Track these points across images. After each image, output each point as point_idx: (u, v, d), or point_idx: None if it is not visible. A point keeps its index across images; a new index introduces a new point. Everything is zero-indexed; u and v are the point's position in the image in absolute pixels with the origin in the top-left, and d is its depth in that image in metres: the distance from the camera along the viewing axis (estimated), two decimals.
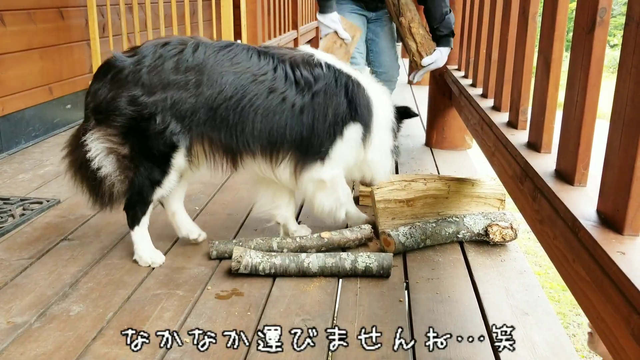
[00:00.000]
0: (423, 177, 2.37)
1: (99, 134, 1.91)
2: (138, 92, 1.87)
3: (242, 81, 1.91)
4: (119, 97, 1.87)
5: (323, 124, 1.99)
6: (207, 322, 1.67)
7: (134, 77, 1.88)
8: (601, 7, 1.34)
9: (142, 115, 1.88)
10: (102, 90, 1.89)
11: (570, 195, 1.39)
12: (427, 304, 1.80)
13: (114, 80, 1.88)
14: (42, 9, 3.70)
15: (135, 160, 1.93)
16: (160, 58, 1.89)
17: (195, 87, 1.89)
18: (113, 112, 1.88)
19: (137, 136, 1.90)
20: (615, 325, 1.06)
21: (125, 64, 1.89)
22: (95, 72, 1.97)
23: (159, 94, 1.88)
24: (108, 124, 1.90)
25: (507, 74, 2.21)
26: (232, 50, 1.95)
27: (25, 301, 1.78)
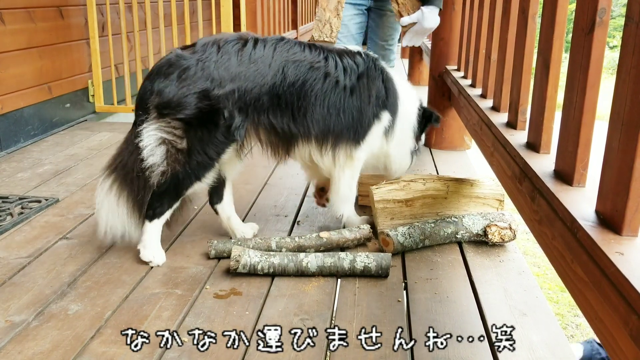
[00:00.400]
0: (422, 178, 2.37)
1: (159, 124, 1.93)
2: (209, 85, 1.92)
3: (302, 69, 2.03)
4: (191, 92, 1.91)
5: (367, 105, 2.13)
6: (205, 321, 1.67)
7: (203, 72, 1.92)
8: (601, 7, 1.34)
9: (213, 109, 1.92)
10: (171, 88, 1.91)
11: (569, 195, 1.40)
12: (425, 304, 1.80)
13: (183, 77, 1.91)
14: (41, 8, 3.70)
15: (189, 153, 1.95)
16: (226, 54, 1.96)
17: (260, 77, 1.97)
18: (183, 106, 1.91)
19: (200, 131, 1.94)
20: (613, 326, 1.06)
21: (192, 61, 1.93)
22: (155, 70, 1.97)
23: (228, 86, 1.93)
24: (173, 117, 1.92)
25: (507, 75, 2.21)
26: (287, 43, 2.07)
27: (23, 300, 1.77)
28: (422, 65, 6.34)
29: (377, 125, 2.19)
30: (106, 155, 3.30)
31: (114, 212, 1.99)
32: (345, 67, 2.10)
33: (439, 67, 3.66)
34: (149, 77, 1.98)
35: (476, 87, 2.85)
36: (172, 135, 1.93)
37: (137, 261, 2.03)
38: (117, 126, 4.11)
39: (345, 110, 2.09)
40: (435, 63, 3.69)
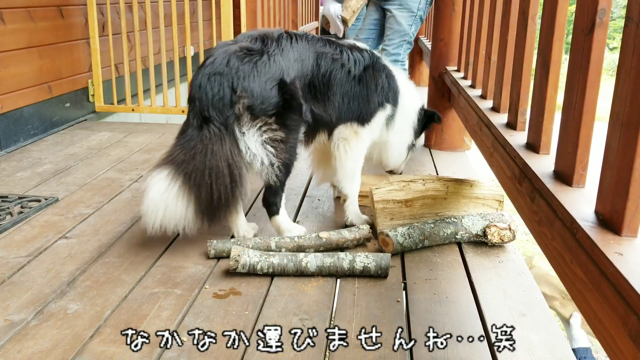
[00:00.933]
0: (422, 178, 2.38)
1: (258, 126, 2.01)
2: (283, 75, 2.03)
3: (328, 60, 2.19)
4: (272, 83, 2.00)
5: (373, 93, 2.31)
6: (204, 321, 1.67)
7: (275, 62, 2.02)
8: (600, 8, 1.34)
9: (290, 95, 2.04)
10: (255, 83, 1.97)
11: (568, 196, 1.40)
12: (424, 305, 1.80)
13: (260, 69, 1.99)
14: (41, 7, 3.70)
15: (287, 140, 2.07)
16: (282, 45, 2.09)
17: (303, 68, 2.12)
18: (269, 100, 1.99)
19: (287, 117, 2.05)
20: (612, 327, 1.06)
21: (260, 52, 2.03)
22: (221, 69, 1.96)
23: (292, 73, 2.07)
24: (267, 113, 2.00)
25: (507, 75, 2.21)
26: (312, 37, 2.25)
27: (22, 299, 1.77)
28: (422, 66, 6.35)
29: (381, 112, 2.35)
30: (106, 155, 3.32)
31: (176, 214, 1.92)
32: (355, 59, 2.26)
33: (439, 67, 3.66)
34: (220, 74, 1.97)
35: (476, 88, 2.85)
36: (271, 132, 2.03)
37: (137, 260, 2.03)
38: (116, 126, 4.11)
39: (355, 97, 2.26)
40: (435, 64, 3.69)
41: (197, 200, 1.94)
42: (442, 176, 2.60)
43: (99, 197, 2.65)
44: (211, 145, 1.95)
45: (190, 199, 1.92)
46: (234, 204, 2.04)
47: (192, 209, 1.94)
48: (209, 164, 1.94)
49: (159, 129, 4.05)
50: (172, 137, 3.79)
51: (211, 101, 1.97)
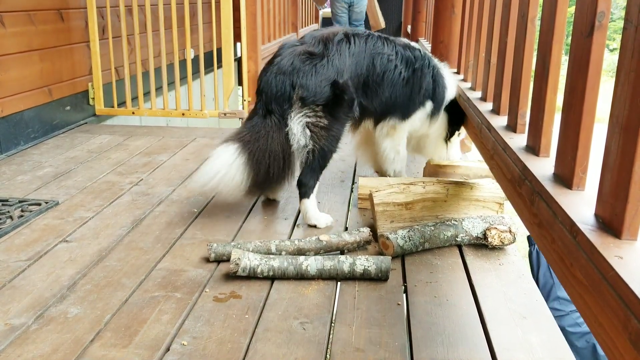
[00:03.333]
0: (422, 181, 2.38)
1: (304, 112, 2.32)
2: (336, 76, 2.34)
3: (384, 60, 2.49)
4: (326, 82, 2.32)
5: (417, 94, 2.61)
6: (205, 324, 1.67)
7: (331, 64, 2.34)
8: (600, 10, 1.34)
9: (341, 93, 2.34)
10: (311, 81, 2.30)
11: (568, 199, 1.39)
12: (425, 307, 1.80)
13: (318, 70, 2.31)
14: (42, 11, 3.71)
15: (329, 129, 2.35)
16: (340, 48, 2.39)
17: (359, 68, 2.43)
18: (322, 94, 2.31)
19: (334, 110, 2.35)
20: (612, 330, 1.06)
21: (320, 56, 2.34)
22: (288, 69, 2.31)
23: (345, 76, 2.37)
24: (316, 103, 2.32)
25: (506, 78, 2.21)
26: (372, 37, 2.52)
27: (22, 303, 1.77)
28: None
29: (421, 110, 2.67)
30: (106, 158, 3.32)
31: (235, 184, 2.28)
32: (407, 60, 2.56)
33: None
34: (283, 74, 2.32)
35: (476, 90, 2.85)
36: (315, 117, 2.32)
37: (137, 264, 2.03)
38: (117, 129, 4.11)
39: (400, 95, 2.56)
40: None
41: (255, 175, 2.29)
42: (442, 179, 2.60)
43: (99, 201, 2.65)
44: (272, 133, 2.31)
45: (250, 172, 2.28)
46: (282, 182, 2.41)
47: (249, 181, 2.29)
48: (269, 147, 2.30)
49: (159, 131, 4.05)
50: (173, 140, 3.82)
51: (275, 96, 2.31)
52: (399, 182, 2.36)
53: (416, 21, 6.67)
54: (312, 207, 2.41)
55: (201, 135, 3.94)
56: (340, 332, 1.65)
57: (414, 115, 2.66)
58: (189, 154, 3.47)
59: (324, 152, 2.37)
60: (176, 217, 2.47)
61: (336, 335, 1.64)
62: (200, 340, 1.59)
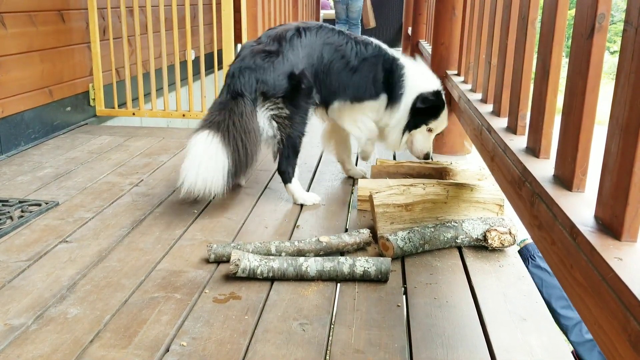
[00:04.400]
0: (422, 182, 2.38)
1: (267, 105, 2.51)
2: (292, 69, 2.51)
3: (331, 50, 2.62)
4: (283, 76, 2.50)
5: (366, 84, 2.68)
6: (204, 325, 1.67)
7: (286, 59, 2.51)
8: (600, 12, 1.34)
9: (297, 84, 2.52)
10: (268, 76, 2.48)
11: (568, 200, 1.39)
12: (425, 309, 1.80)
13: (276, 66, 2.49)
14: (43, 12, 3.71)
15: (291, 117, 2.54)
16: (293, 43, 2.55)
17: (311, 59, 2.57)
18: (280, 87, 2.49)
19: (294, 100, 2.53)
20: (612, 332, 1.06)
21: (277, 53, 2.51)
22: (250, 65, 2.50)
23: (300, 67, 2.53)
24: (276, 96, 2.50)
25: (507, 79, 2.21)
26: (323, 29, 2.67)
27: (22, 303, 1.77)
28: None
29: (374, 101, 2.72)
30: (107, 159, 3.33)
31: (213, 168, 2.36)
32: (356, 51, 2.64)
33: (440, 71, 3.66)
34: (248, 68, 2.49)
35: (476, 92, 2.86)
36: (277, 109, 2.52)
37: (137, 265, 2.03)
38: (117, 130, 4.11)
39: (350, 85, 2.66)
40: (436, 68, 3.69)
41: (234, 152, 2.40)
42: (442, 180, 2.60)
43: (99, 201, 2.65)
44: (245, 110, 2.46)
45: (228, 150, 2.39)
46: (255, 162, 2.55)
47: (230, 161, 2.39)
48: (245, 124, 2.44)
49: (160, 132, 4.05)
50: (173, 141, 3.83)
51: (243, 85, 2.49)
52: (399, 184, 2.36)
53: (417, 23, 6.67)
54: (296, 189, 2.65)
55: None
56: (339, 334, 1.65)
57: (365, 103, 2.71)
58: None
59: (291, 139, 2.57)
60: (176, 218, 2.48)
61: (336, 337, 1.64)
62: (200, 341, 1.59)
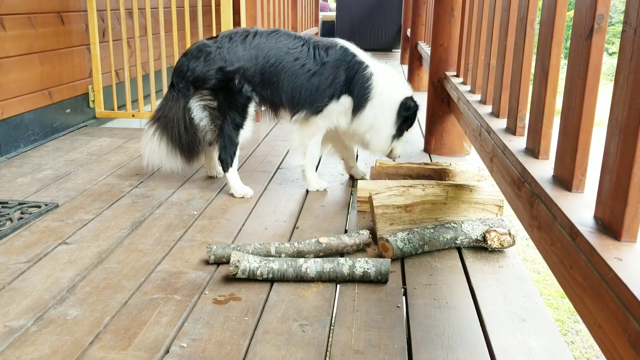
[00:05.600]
0: (421, 183, 2.38)
1: (198, 96, 2.69)
2: (223, 64, 2.65)
3: (281, 53, 2.68)
4: (211, 69, 2.65)
5: (325, 87, 2.68)
6: (204, 326, 1.67)
7: (219, 55, 2.66)
8: (599, 14, 1.34)
9: (227, 79, 2.66)
10: (199, 67, 2.66)
11: (567, 201, 1.40)
12: (424, 310, 1.80)
13: (207, 59, 2.66)
14: (42, 14, 3.72)
15: (221, 110, 2.70)
16: (234, 42, 2.69)
17: (255, 59, 2.67)
18: (208, 79, 2.66)
19: (223, 94, 2.68)
20: (612, 332, 1.06)
21: (212, 48, 2.68)
22: (189, 53, 2.71)
23: (235, 64, 2.65)
24: (204, 88, 2.67)
25: (506, 81, 2.21)
26: (277, 33, 2.74)
27: (22, 305, 1.77)
28: (421, 71, 6.36)
29: (335, 105, 2.71)
30: (106, 161, 3.33)
31: (155, 150, 2.74)
32: (315, 55, 2.68)
33: (439, 73, 3.67)
34: (185, 56, 2.73)
35: (475, 93, 2.86)
36: (207, 101, 2.69)
37: (137, 266, 2.03)
38: (117, 131, 4.11)
39: (306, 88, 2.68)
40: (435, 69, 3.70)
41: (168, 138, 2.72)
42: (441, 181, 2.60)
43: (99, 203, 2.65)
44: (170, 102, 2.73)
45: (161, 138, 2.72)
46: (195, 145, 2.74)
47: (164, 145, 2.72)
48: (168, 114, 2.72)
49: None
50: None
51: (175, 72, 2.73)
52: (399, 185, 2.36)
53: (416, 24, 6.69)
54: (232, 179, 2.79)
55: None
56: (339, 335, 1.65)
57: (326, 109, 2.71)
58: None
59: (225, 130, 2.72)
60: (176, 219, 2.48)
61: (335, 338, 1.64)
62: (200, 343, 1.59)
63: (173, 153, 2.73)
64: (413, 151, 3.76)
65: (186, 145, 2.72)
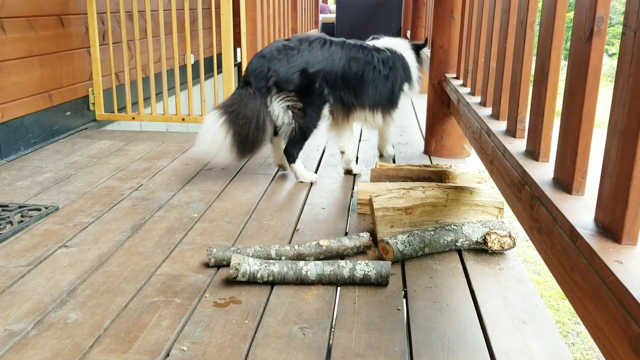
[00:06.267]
0: (422, 185, 2.38)
1: (282, 96, 2.87)
2: (306, 66, 2.87)
3: (361, 63, 3.01)
4: (295, 71, 2.85)
5: (397, 85, 3.20)
6: (204, 330, 1.67)
7: (302, 58, 2.87)
8: (598, 16, 1.34)
9: (309, 81, 2.88)
10: (282, 68, 2.84)
11: (568, 203, 1.40)
12: (425, 313, 1.79)
13: (289, 61, 2.86)
14: (42, 17, 3.72)
15: (304, 110, 2.92)
16: (314, 47, 2.92)
17: (335, 64, 2.94)
18: (292, 80, 2.85)
19: (305, 95, 2.89)
20: (612, 335, 1.06)
21: (294, 50, 2.87)
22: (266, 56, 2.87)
23: (316, 67, 2.89)
24: (288, 89, 2.86)
25: (506, 83, 2.21)
26: (347, 44, 3.04)
27: (22, 308, 1.77)
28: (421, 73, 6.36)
29: (403, 95, 3.29)
30: (106, 163, 3.33)
31: (220, 142, 2.78)
32: (383, 61, 3.09)
33: (439, 75, 3.67)
34: (263, 57, 2.88)
35: (475, 95, 2.86)
36: (292, 101, 2.88)
37: (137, 269, 2.03)
38: (117, 134, 4.11)
39: (384, 90, 3.12)
40: (435, 71, 3.70)
41: (234, 132, 2.78)
42: (442, 183, 2.60)
43: (99, 206, 2.65)
44: (246, 100, 2.84)
45: (229, 129, 2.77)
46: (259, 143, 2.89)
47: (229, 138, 2.77)
48: (243, 110, 2.81)
49: (160, 137, 4.06)
50: (173, 145, 3.83)
51: (254, 73, 2.87)
52: (399, 187, 2.36)
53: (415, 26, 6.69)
54: (299, 169, 3.04)
55: None
56: (340, 337, 1.65)
57: (399, 102, 3.28)
58: (189, 159, 3.47)
59: (303, 129, 2.94)
60: (176, 222, 2.48)
61: (336, 341, 1.63)
62: (200, 346, 1.59)
63: (234, 148, 2.81)
64: (413, 153, 3.75)
65: (250, 143, 2.84)
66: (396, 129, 4.42)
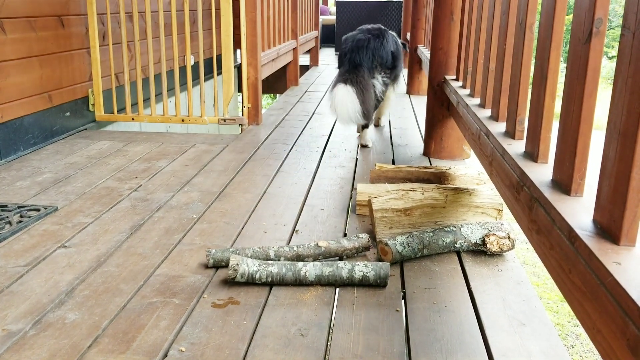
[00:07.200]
0: (421, 187, 2.38)
1: (382, 73, 3.84)
2: (390, 49, 3.86)
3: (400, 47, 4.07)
4: (389, 53, 3.83)
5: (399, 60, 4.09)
6: (202, 330, 1.67)
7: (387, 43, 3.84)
8: (597, 17, 1.35)
9: (394, 59, 3.89)
10: (382, 51, 3.77)
11: (566, 205, 1.40)
12: (423, 314, 1.79)
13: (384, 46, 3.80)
14: (42, 17, 3.72)
15: (388, 82, 3.95)
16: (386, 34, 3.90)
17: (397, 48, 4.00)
18: (388, 60, 3.83)
19: (392, 69, 3.93)
20: (611, 336, 1.06)
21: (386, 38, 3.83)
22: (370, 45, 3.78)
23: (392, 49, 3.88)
24: (386, 67, 3.85)
25: (505, 84, 2.22)
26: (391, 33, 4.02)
27: (20, 309, 1.77)
28: (421, 75, 6.36)
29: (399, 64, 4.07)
30: (105, 164, 3.33)
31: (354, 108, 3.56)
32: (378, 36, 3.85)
33: (438, 77, 3.67)
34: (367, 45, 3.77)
35: (475, 97, 2.86)
36: (386, 77, 3.89)
37: (135, 270, 2.03)
38: (116, 135, 4.11)
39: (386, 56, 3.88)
40: (434, 73, 3.70)
41: (360, 101, 3.58)
42: (441, 185, 2.60)
43: (98, 206, 2.65)
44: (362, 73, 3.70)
45: (359, 98, 3.58)
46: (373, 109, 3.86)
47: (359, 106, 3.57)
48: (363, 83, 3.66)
49: (159, 137, 4.06)
50: (172, 146, 3.83)
51: (361, 58, 3.72)
52: (398, 189, 2.36)
53: (415, 28, 6.69)
54: (368, 134, 3.92)
55: (200, 142, 3.95)
56: (338, 339, 1.64)
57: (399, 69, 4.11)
58: (189, 160, 3.47)
59: (389, 98, 4.11)
60: (175, 223, 2.47)
61: (334, 342, 1.63)
62: (198, 346, 1.59)
63: (360, 112, 3.57)
64: (412, 155, 3.76)
65: (372, 107, 3.77)
66: (395, 131, 4.43)
